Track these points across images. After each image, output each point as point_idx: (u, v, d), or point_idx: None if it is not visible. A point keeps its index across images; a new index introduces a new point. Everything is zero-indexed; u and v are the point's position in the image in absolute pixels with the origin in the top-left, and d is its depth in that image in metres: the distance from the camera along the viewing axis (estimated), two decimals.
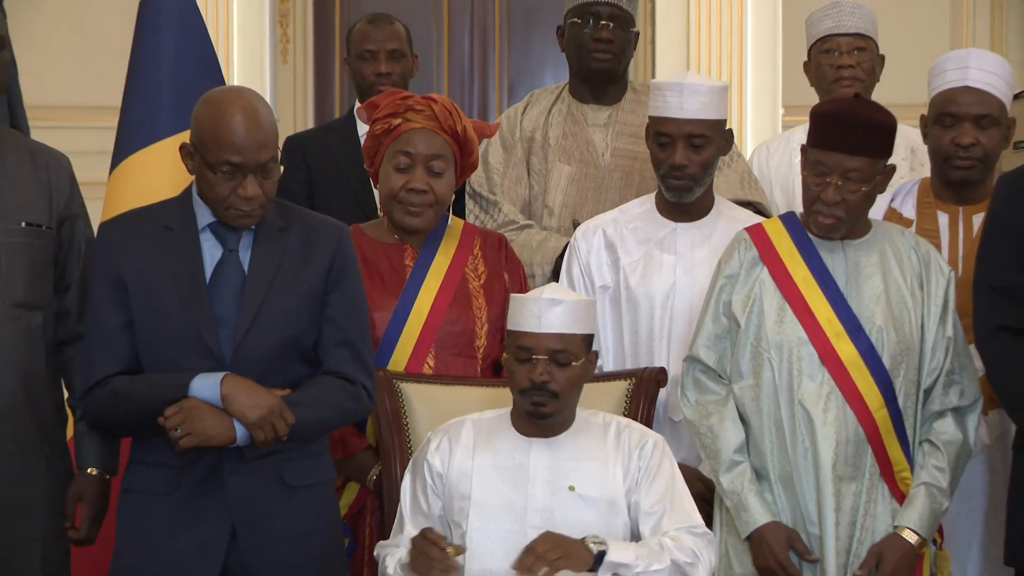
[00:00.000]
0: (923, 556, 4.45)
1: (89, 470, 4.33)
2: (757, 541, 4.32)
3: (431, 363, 4.70)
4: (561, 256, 5.11)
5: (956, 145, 4.73)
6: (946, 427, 4.39)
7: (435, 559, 3.95)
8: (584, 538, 4.00)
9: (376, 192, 4.96)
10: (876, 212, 4.70)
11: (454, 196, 4.90)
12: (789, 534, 4.30)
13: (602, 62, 5.35)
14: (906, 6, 8.89)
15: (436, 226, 4.78)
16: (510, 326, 4.17)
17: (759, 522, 4.31)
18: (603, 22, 5.33)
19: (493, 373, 4.71)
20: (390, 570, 4.11)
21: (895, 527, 4.30)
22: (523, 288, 4.70)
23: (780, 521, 4.34)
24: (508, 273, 4.82)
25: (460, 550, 3.96)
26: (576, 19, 5.38)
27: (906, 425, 4.42)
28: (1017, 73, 5.10)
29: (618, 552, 4.01)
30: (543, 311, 4.11)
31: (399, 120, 4.69)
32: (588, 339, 4.18)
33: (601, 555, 3.99)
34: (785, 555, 4.29)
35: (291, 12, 10.36)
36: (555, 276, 5.06)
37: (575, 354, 4.12)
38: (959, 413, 4.42)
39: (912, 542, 4.30)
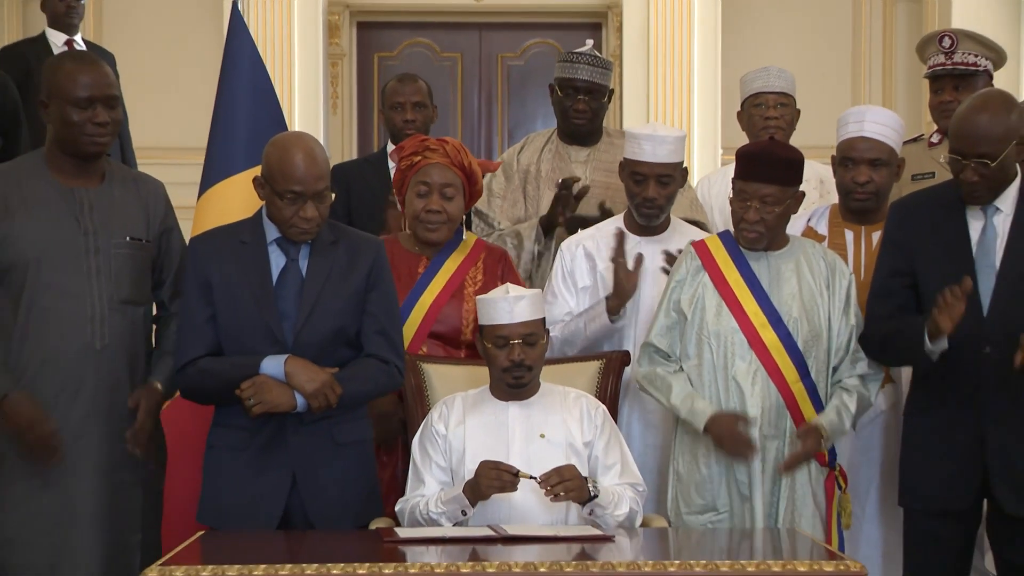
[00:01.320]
0: (831, 498, 4.55)
1: (156, 384, 4.37)
2: (713, 426, 4.44)
3: (424, 349, 4.88)
4: (543, 218, 5.39)
5: (854, 182, 4.87)
6: (853, 383, 4.55)
7: (505, 479, 4.03)
8: (587, 478, 4.12)
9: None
10: (796, 229, 4.88)
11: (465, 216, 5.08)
12: (734, 415, 4.44)
13: (579, 126, 5.60)
14: (818, 69, 8.91)
15: (452, 239, 4.92)
16: (484, 321, 4.37)
17: (708, 413, 4.45)
18: (580, 96, 5.58)
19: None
20: (432, 507, 4.16)
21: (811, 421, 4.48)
22: None
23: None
24: (503, 282, 4.81)
25: (523, 474, 4.06)
26: (560, 89, 5.59)
27: (820, 395, 4.54)
28: (906, 123, 5.18)
29: (603, 495, 4.13)
30: (512, 306, 4.31)
31: (419, 157, 4.88)
32: (543, 321, 4.40)
33: (594, 496, 4.10)
34: (736, 429, 4.41)
35: (340, 74, 10.43)
36: (545, 232, 5.39)
37: (539, 334, 4.35)
38: (864, 379, 4.58)
39: (817, 426, 4.43)
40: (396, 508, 4.32)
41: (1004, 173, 4.30)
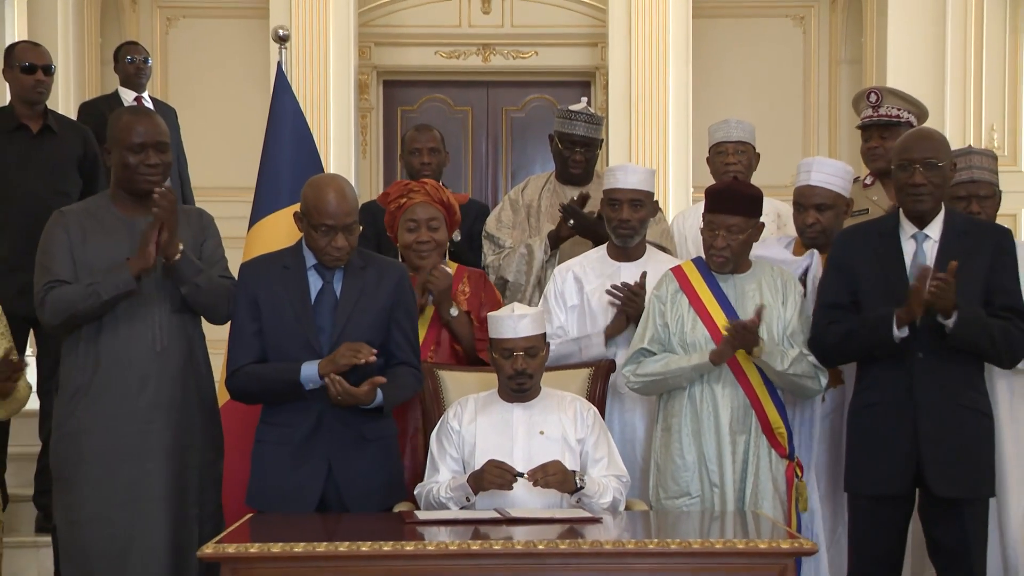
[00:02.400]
0: (791, 486, 4.54)
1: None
2: (720, 344, 4.44)
3: (432, 353, 4.93)
4: (551, 233, 5.44)
5: (804, 224, 4.91)
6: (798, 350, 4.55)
7: (506, 478, 4.07)
8: (575, 471, 4.17)
9: None
10: (776, 252, 4.94)
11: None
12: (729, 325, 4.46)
13: (576, 174, 5.61)
14: (774, 120, 8.89)
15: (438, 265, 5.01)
16: (493, 335, 4.40)
17: (706, 351, 4.46)
18: (578, 149, 5.61)
19: (469, 361, 4.97)
20: (443, 492, 4.20)
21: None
22: (496, 304, 4.97)
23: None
24: (485, 293, 5.05)
25: (520, 475, 4.11)
26: (559, 142, 5.63)
27: (780, 396, 4.56)
28: (851, 165, 5.20)
29: (589, 486, 4.17)
30: (516, 323, 4.35)
31: (404, 199, 5.00)
32: (544, 335, 4.43)
33: (579, 488, 4.16)
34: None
35: (368, 125, 10.43)
36: (552, 245, 5.42)
37: (539, 347, 4.39)
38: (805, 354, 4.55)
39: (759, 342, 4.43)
40: (415, 492, 4.32)
41: (944, 183, 4.33)
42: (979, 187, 4.70)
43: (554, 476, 4.09)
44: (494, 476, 4.09)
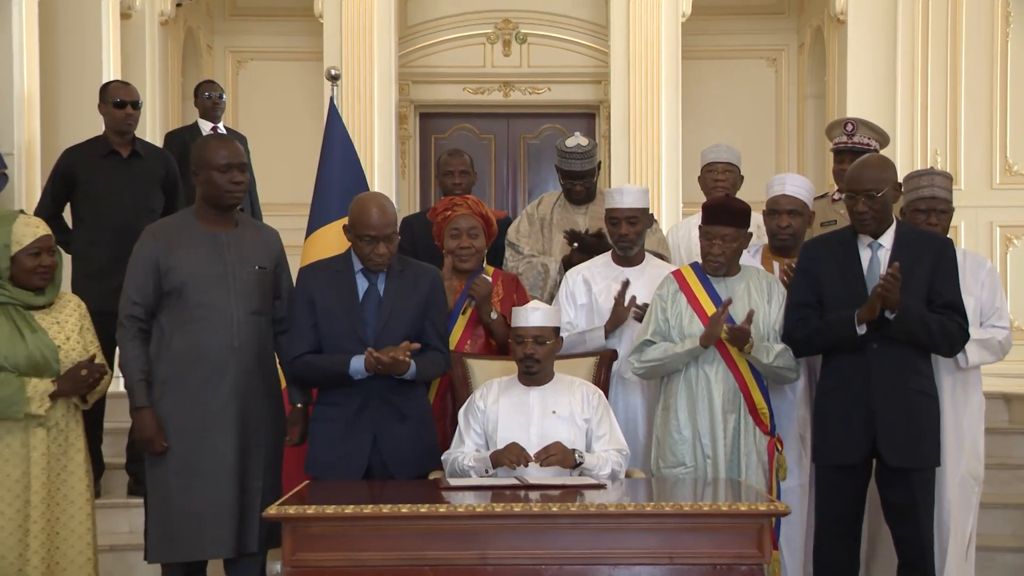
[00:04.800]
0: (772, 458, 4.54)
1: (296, 404, 4.44)
2: (707, 327, 4.45)
3: (468, 345, 4.91)
4: (564, 258, 5.36)
5: (778, 227, 4.88)
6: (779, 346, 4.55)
7: (521, 459, 4.09)
8: (574, 449, 4.18)
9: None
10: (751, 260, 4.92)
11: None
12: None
13: (576, 202, 5.53)
14: (749, 145, 8.65)
15: (478, 269, 4.99)
16: (513, 325, 4.40)
17: (696, 337, 4.47)
18: (576, 181, 5.53)
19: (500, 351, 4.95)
20: (467, 462, 4.21)
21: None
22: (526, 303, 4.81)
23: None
24: (517, 295, 4.99)
25: (531, 458, 4.13)
26: (560, 176, 5.60)
27: (763, 381, 4.55)
28: (814, 184, 5.20)
29: (588, 460, 4.18)
30: (529, 315, 4.34)
31: (449, 211, 5.00)
32: (556, 329, 4.42)
33: (579, 463, 4.17)
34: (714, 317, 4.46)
35: (407, 150, 10.45)
36: (565, 266, 5.30)
37: (548, 337, 4.36)
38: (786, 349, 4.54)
39: (750, 332, 4.43)
40: (442, 458, 4.33)
41: (885, 208, 4.32)
42: (937, 203, 4.67)
43: (555, 456, 4.11)
44: (512, 456, 4.10)
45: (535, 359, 4.30)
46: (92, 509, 4.24)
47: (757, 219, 5.28)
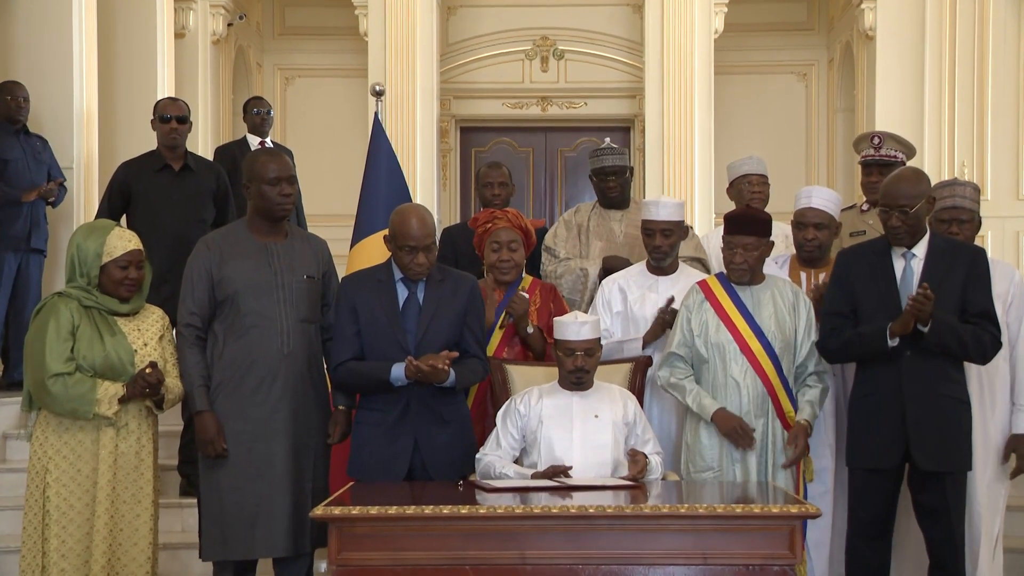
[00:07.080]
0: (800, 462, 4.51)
1: (340, 407, 4.41)
2: (719, 417, 4.40)
3: (506, 353, 4.88)
4: (603, 268, 5.32)
5: (804, 239, 4.85)
6: (813, 382, 4.52)
7: (558, 472, 4.07)
8: (644, 454, 4.21)
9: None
10: (770, 269, 4.80)
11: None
12: (732, 416, 4.40)
13: (613, 198, 5.48)
14: (780, 157, 8.83)
15: (516, 280, 4.98)
16: (558, 336, 4.37)
17: (712, 408, 4.43)
18: (609, 177, 5.48)
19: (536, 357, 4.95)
20: (507, 470, 4.18)
21: (796, 420, 4.44)
22: (563, 313, 4.82)
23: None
24: (554, 304, 4.99)
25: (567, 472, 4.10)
26: (595, 176, 5.52)
27: (790, 386, 4.51)
28: (844, 196, 5.14)
29: (651, 468, 4.21)
30: (579, 328, 4.32)
31: (490, 224, 5.00)
32: (599, 339, 4.42)
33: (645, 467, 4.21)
34: (739, 420, 4.40)
35: (448, 163, 10.49)
36: (604, 273, 5.25)
37: (595, 348, 4.37)
38: (818, 374, 4.54)
39: (803, 423, 4.42)
40: (476, 456, 4.29)
41: (918, 222, 4.27)
42: (960, 212, 4.62)
43: (641, 462, 4.11)
44: (550, 475, 4.07)
45: (586, 371, 4.31)
46: (156, 511, 4.26)
47: (786, 229, 5.25)
